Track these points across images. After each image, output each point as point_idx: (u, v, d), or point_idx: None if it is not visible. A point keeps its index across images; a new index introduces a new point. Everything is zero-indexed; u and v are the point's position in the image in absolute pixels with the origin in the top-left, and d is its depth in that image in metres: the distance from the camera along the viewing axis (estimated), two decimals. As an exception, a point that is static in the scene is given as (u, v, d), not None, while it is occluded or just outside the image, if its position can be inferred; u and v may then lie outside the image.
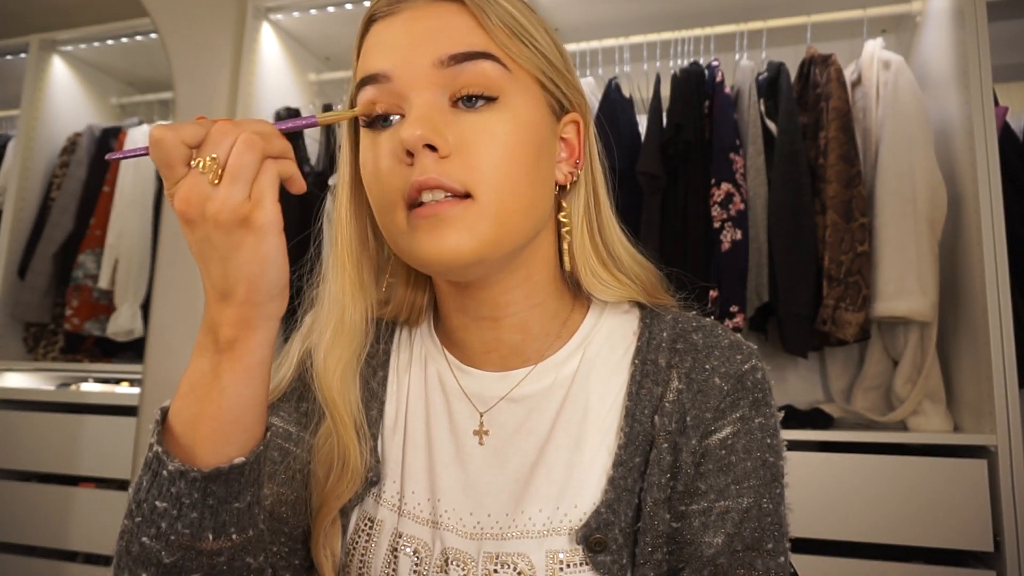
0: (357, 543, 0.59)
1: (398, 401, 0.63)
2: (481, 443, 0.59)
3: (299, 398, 0.63)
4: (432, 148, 0.50)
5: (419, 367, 0.64)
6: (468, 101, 0.52)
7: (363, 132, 0.56)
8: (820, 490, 1.38)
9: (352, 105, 0.58)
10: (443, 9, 0.53)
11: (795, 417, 1.57)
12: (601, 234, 0.62)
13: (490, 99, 0.52)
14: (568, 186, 0.60)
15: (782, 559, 0.53)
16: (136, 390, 1.66)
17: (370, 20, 0.56)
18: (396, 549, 0.57)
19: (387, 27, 0.54)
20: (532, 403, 0.59)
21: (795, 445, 1.44)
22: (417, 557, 0.57)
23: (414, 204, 0.52)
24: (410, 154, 0.50)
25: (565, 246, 0.60)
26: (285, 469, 0.59)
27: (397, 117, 0.53)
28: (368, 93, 0.53)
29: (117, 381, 1.78)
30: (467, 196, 0.51)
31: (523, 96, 0.54)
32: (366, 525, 0.59)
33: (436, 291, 0.64)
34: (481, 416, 0.60)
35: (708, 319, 0.62)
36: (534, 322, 0.60)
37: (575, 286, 0.63)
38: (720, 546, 0.52)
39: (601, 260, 0.61)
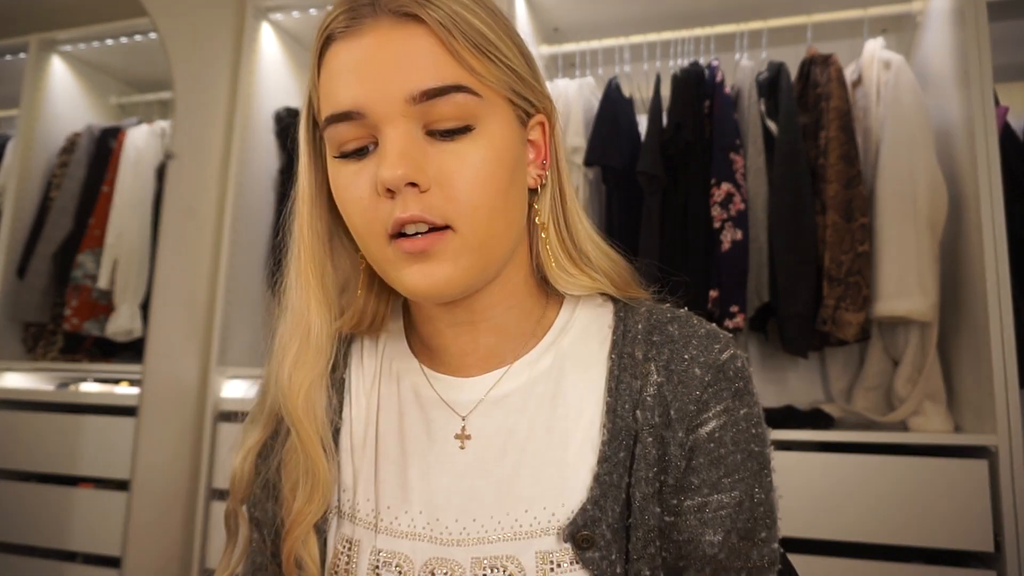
0: (338, 566, 0.59)
1: (367, 419, 0.63)
2: (463, 447, 0.59)
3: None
4: (413, 184, 0.50)
5: (390, 382, 0.63)
6: (444, 133, 0.51)
7: (333, 160, 0.54)
8: (820, 490, 1.38)
9: (314, 124, 0.57)
10: (408, 32, 0.51)
11: (795, 417, 1.57)
12: (568, 229, 0.61)
13: (467, 129, 0.52)
14: (539, 188, 0.60)
15: (774, 545, 0.54)
16: (135, 390, 1.66)
17: (328, 38, 0.54)
18: (377, 567, 0.57)
19: (349, 51, 0.52)
20: (510, 403, 0.59)
21: (795, 445, 1.44)
22: (399, 571, 0.56)
23: (396, 234, 0.52)
24: (391, 191, 0.50)
25: (541, 247, 0.60)
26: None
27: (372, 147, 0.52)
28: (340, 131, 0.52)
29: (116, 381, 1.77)
30: (447, 227, 0.51)
31: (496, 118, 0.53)
32: (344, 547, 0.59)
33: (409, 300, 0.63)
34: (463, 421, 0.59)
35: (682, 310, 0.62)
36: (510, 323, 0.60)
37: (546, 283, 0.63)
38: (719, 542, 0.53)
39: (569, 256, 0.61)
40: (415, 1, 0.51)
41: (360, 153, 0.53)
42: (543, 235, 0.60)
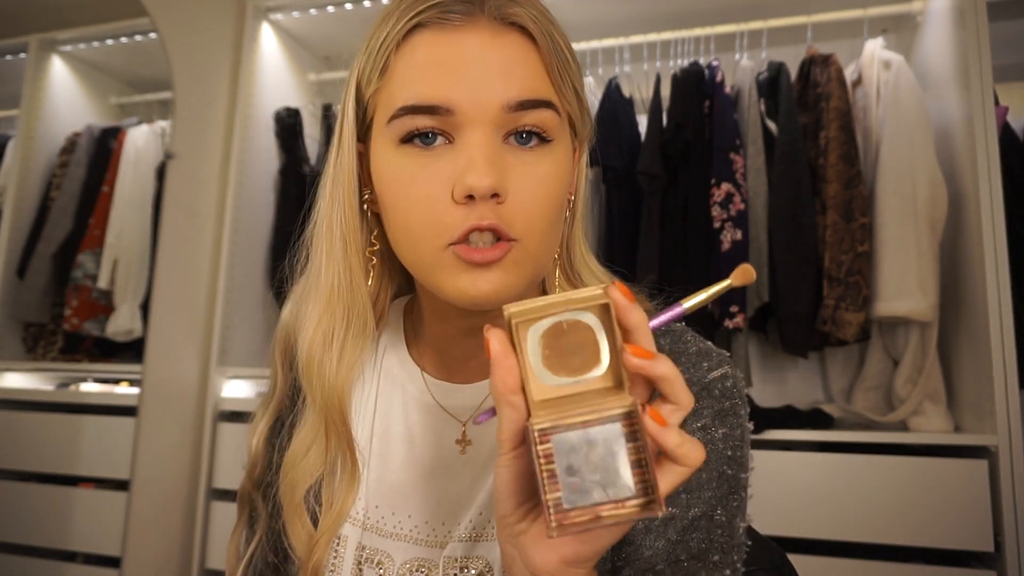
0: (327, 560, 0.59)
1: (363, 422, 0.63)
2: (463, 452, 0.59)
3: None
4: (494, 194, 0.49)
5: (390, 387, 0.64)
6: (523, 138, 0.51)
7: (394, 147, 0.52)
8: (820, 490, 1.38)
9: (360, 105, 0.55)
10: (511, 40, 0.51)
11: (795, 417, 1.57)
12: (568, 251, 0.62)
13: (545, 140, 0.52)
14: (567, 211, 0.60)
15: (728, 572, 0.52)
16: (135, 390, 1.66)
17: (415, 24, 0.51)
18: (361, 563, 0.58)
19: (445, 46, 0.50)
20: None
21: (795, 445, 1.44)
22: (381, 569, 0.57)
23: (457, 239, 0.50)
24: (471, 197, 0.49)
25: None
26: None
27: (442, 139, 0.50)
28: (417, 122, 0.50)
29: (116, 381, 1.77)
30: (512, 239, 0.50)
31: (563, 139, 0.54)
32: (335, 543, 0.60)
33: (420, 299, 0.62)
34: (463, 426, 0.60)
35: (679, 325, 0.61)
36: None
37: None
38: (660, 550, 0.51)
39: (565, 275, 0.62)
40: (526, 14, 0.51)
41: (425, 139, 0.50)
42: (555, 256, 0.60)
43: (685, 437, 0.36)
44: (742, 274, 0.43)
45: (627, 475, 0.36)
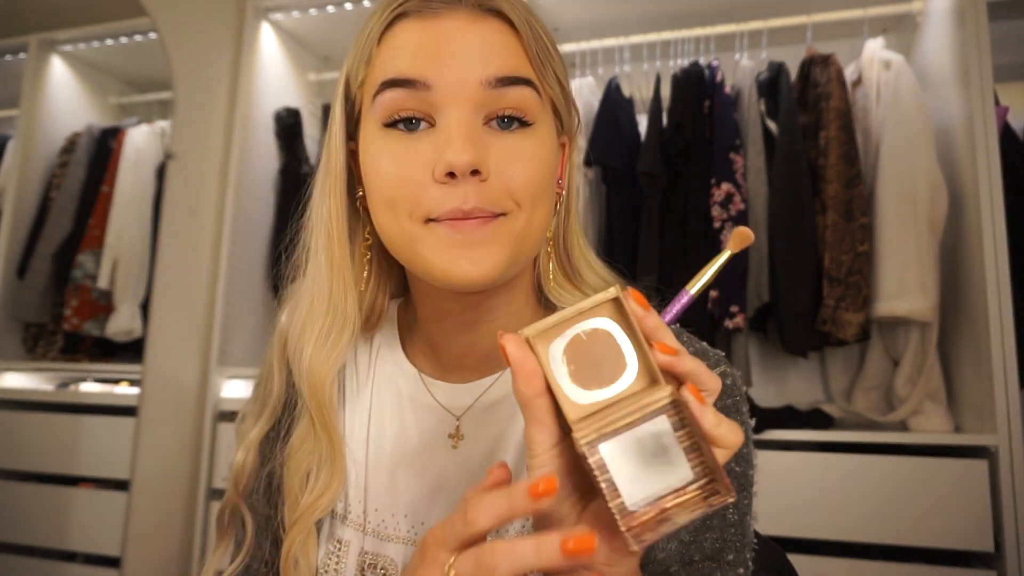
0: (328, 566, 0.59)
1: (359, 422, 0.63)
2: (455, 447, 0.59)
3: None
4: (475, 172, 0.49)
5: (384, 385, 0.63)
6: (504, 122, 0.51)
7: (377, 129, 0.52)
8: (820, 490, 1.38)
9: (349, 100, 0.55)
10: (490, 26, 0.52)
11: (795, 417, 1.57)
12: (566, 246, 0.62)
13: (526, 123, 0.52)
14: (556, 204, 0.60)
15: (741, 570, 0.52)
16: (135, 390, 1.66)
17: (398, 14, 0.53)
18: (363, 568, 0.58)
19: (425, 29, 0.51)
20: (501, 410, 0.59)
21: (795, 445, 1.44)
22: (384, 573, 0.57)
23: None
24: (451, 174, 0.49)
25: (543, 260, 0.61)
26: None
27: (424, 124, 0.51)
28: (398, 99, 0.51)
29: (116, 381, 1.77)
30: (498, 215, 0.51)
31: (546, 123, 0.54)
32: (335, 547, 0.60)
33: (414, 296, 0.62)
34: (457, 421, 0.60)
35: (675, 325, 0.61)
36: (510, 327, 0.60)
37: (542, 294, 0.63)
38: (673, 552, 0.51)
39: (564, 272, 0.62)
40: (505, 2, 0.52)
41: (409, 124, 0.51)
42: (548, 249, 0.61)
43: (721, 418, 0.36)
44: (740, 238, 0.42)
45: (682, 462, 0.36)
